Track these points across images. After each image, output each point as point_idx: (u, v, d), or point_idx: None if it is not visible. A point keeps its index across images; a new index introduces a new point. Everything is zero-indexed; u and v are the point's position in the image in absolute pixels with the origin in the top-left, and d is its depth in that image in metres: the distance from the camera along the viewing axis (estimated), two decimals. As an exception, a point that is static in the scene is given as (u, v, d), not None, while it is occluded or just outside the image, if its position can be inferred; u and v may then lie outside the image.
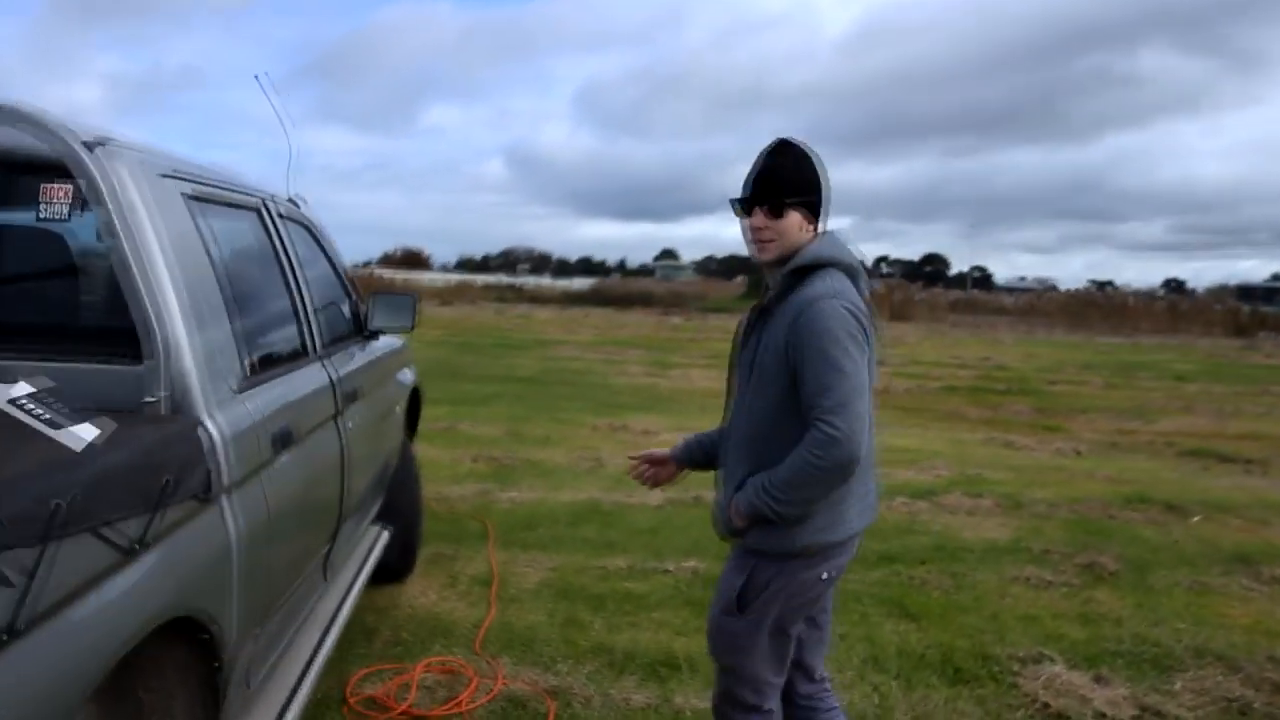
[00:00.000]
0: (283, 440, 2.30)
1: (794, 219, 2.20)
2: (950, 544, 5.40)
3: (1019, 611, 4.39)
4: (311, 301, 2.93)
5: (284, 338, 2.70)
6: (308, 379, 2.68)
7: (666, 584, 4.58)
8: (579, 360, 16.11)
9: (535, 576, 4.65)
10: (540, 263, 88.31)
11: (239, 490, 1.97)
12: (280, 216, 2.94)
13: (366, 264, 56.63)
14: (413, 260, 72.02)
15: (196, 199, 2.23)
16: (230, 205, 2.53)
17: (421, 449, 7.50)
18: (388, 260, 69.31)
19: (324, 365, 2.89)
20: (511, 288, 49.32)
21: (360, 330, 3.70)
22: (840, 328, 2.05)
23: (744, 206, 2.25)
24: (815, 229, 2.25)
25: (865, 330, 2.12)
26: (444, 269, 73.37)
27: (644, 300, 40.91)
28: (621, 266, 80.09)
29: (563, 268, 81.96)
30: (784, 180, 2.20)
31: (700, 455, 2.54)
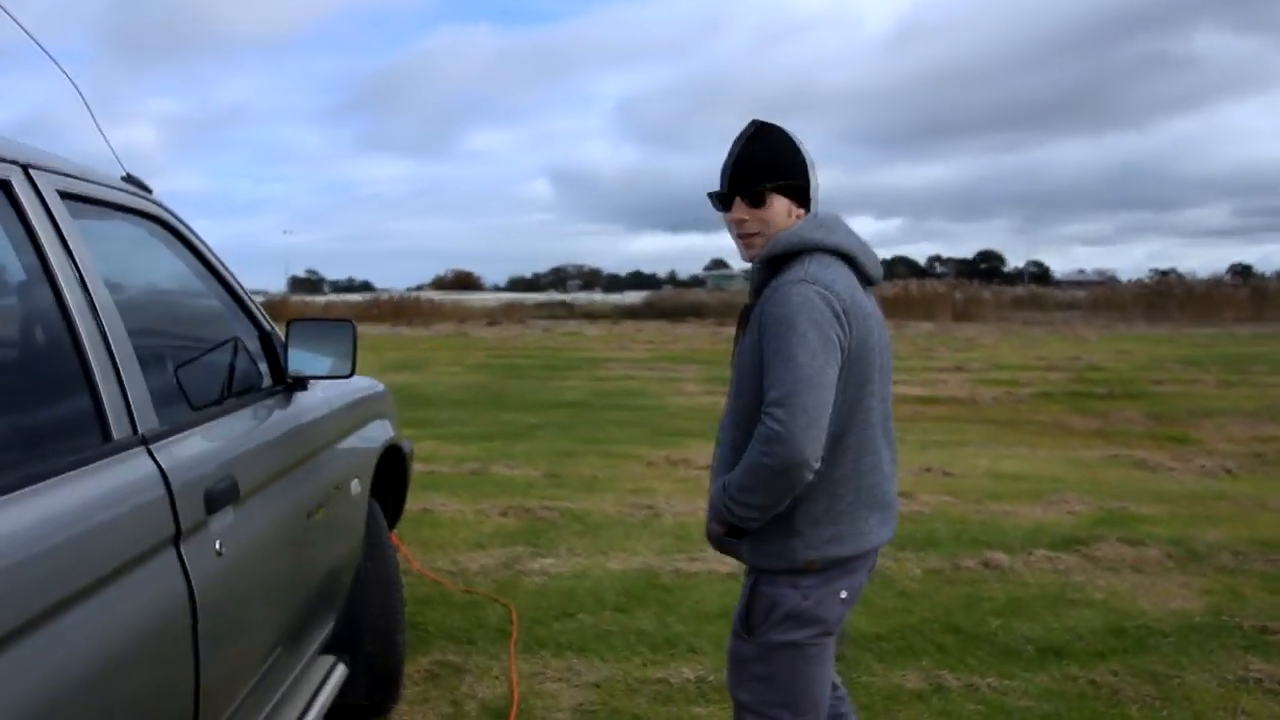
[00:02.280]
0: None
1: (779, 206, 2.02)
2: (1129, 621, 4.02)
3: (1271, 742, 3.02)
4: (124, 344, 1.68)
5: (22, 421, 1.49)
6: (80, 493, 1.44)
7: (752, 707, 3.27)
8: (632, 379, 14.84)
9: (570, 698, 3.38)
10: (591, 279, 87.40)
11: None
12: (72, 198, 1.71)
13: (418, 288, 56.30)
14: (464, 282, 71.67)
15: None
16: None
17: (441, 502, 6.29)
18: (439, 284, 69.08)
19: (151, 454, 1.65)
20: (563, 304, 48.59)
21: (280, 380, 2.47)
22: (801, 313, 1.86)
23: (723, 200, 2.07)
24: (803, 216, 2.05)
25: (844, 318, 1.89)
26: (495, 289, 72.90)
27: (696, 311, 39.65)
28: (672, 278, 78.68)
29: (614, 283, 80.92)
30: (762, 165, 2.02)
31: None
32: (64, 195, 1.71)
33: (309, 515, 2.36)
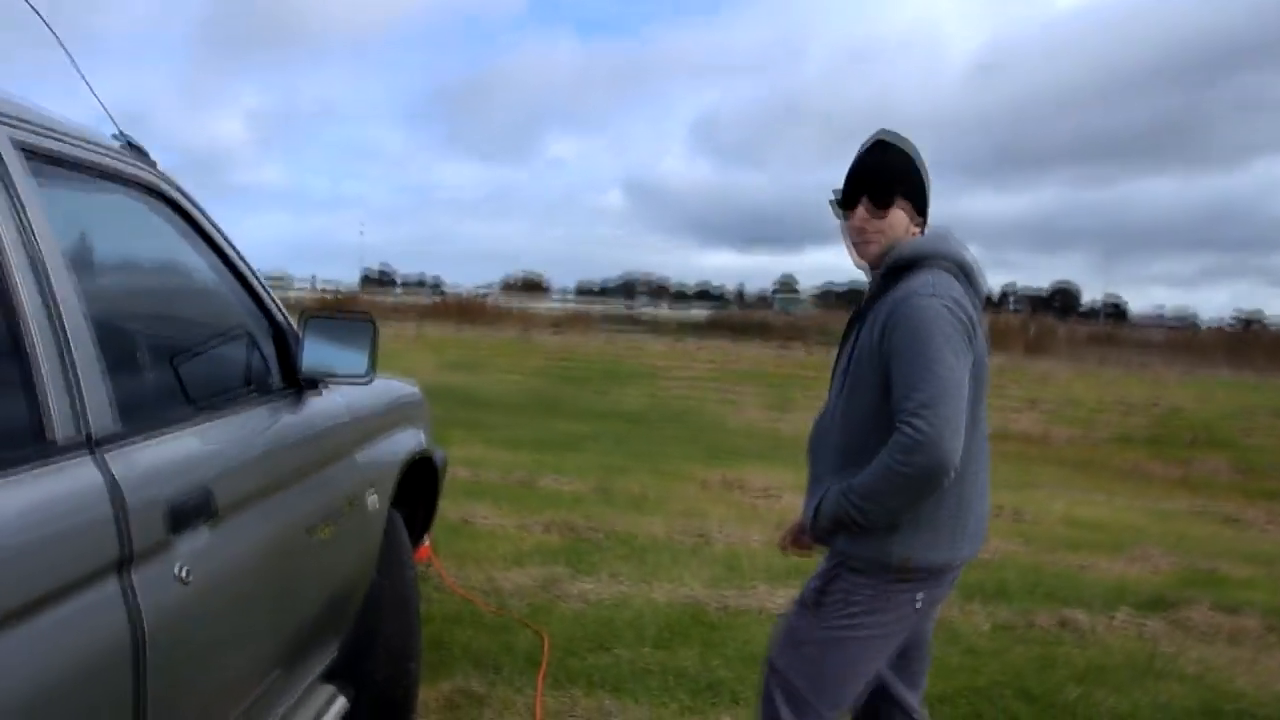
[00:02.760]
0: None
1: (899, 215, 2.06)
2: (1226, 702, 3.60)
3: None
4: (81, 330, 1.42)
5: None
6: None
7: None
8: (691, 396, 14.55)
9: (599, 744, 3.08)
10: (658, 291, 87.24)
11: None
12: (39, 156, 1.46)
13: (487, 288, 56.62)
14: (532, 286, 71.98)
15: None
16: None
17: (483, 513, 6.04)
18: (508, 286, 69.46)
19: (100, 461, 1.39)
20: (628, 315, 48.71)
21: (293, 382, 2.22)
22: (935, 324, 1.88)
23: (844, 204, 2.09)
24: (921, 228, 2.10)
25: (970, 331, 1.93)
26: (563, 294, 73.13)
27: (761, 330, 39.27)
28: (740, 296, 78.14)
29: (680, 296, 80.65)
30: (886, 174, 2.06)
31: None
32: (27, 151, 1.46)
33: (310, 532, 2.10)
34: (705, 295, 79.25)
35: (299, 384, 2.26)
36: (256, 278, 2.22)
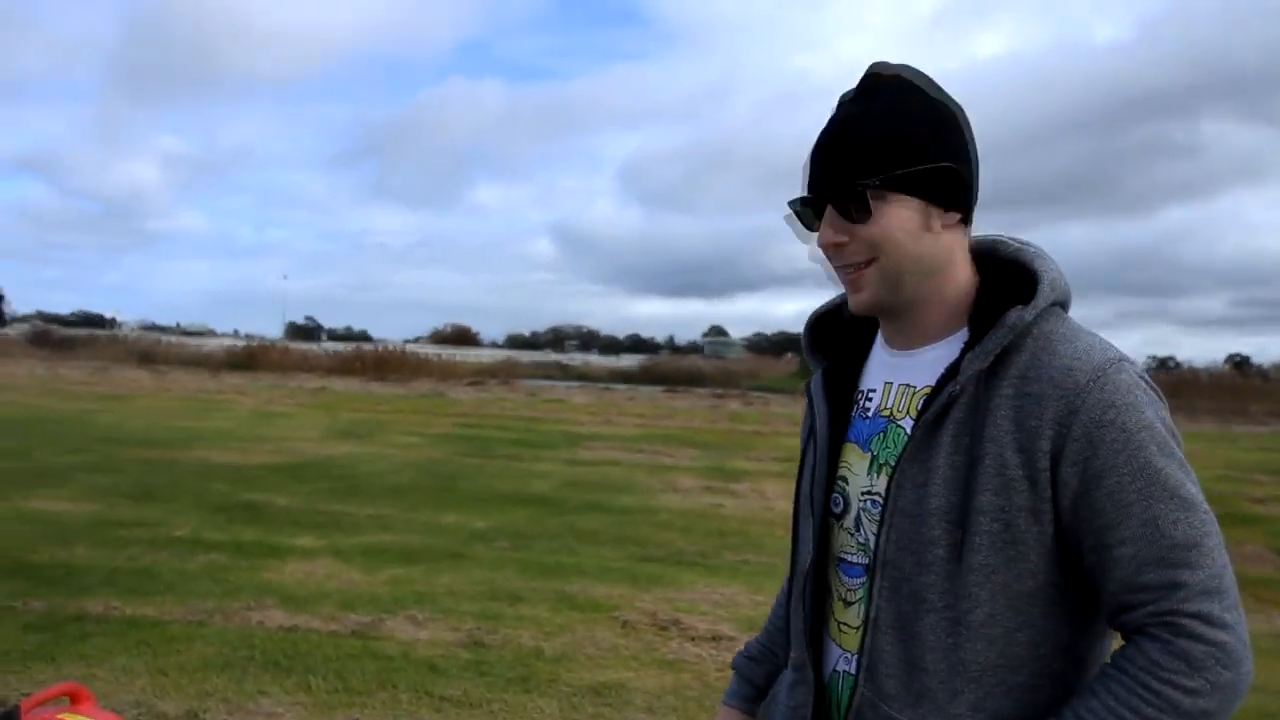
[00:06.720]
0: None
1: (898, 217, 1.08)
2: None
3: None
4: None
5: None
6: None
7: None
8: (616, 465, 12.36)
9: None
10: (588, 340, 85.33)
11: None
12: None
13: (415, 340, 54.10)
14: (462, 337, 69.75)
15: None
16: None
17: (272, 705, 3.77)
18: (437, 337, 67.19)
19: None
20: (558, 365, 47.37)
21: None
22: (1162, 421, 1.05)
23: (811, 210, 1.14)
24: (962, 226, 1.13)
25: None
26: (493, 345, 70.95)
27: (693, 379, 37.63)
28: (670, 344, 76.34)
29: (611, 345, 78.62)
30: (866, 145, 1.08)
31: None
32: None
33: None
34: (637, 346, 77.31)
35: None
36: None
